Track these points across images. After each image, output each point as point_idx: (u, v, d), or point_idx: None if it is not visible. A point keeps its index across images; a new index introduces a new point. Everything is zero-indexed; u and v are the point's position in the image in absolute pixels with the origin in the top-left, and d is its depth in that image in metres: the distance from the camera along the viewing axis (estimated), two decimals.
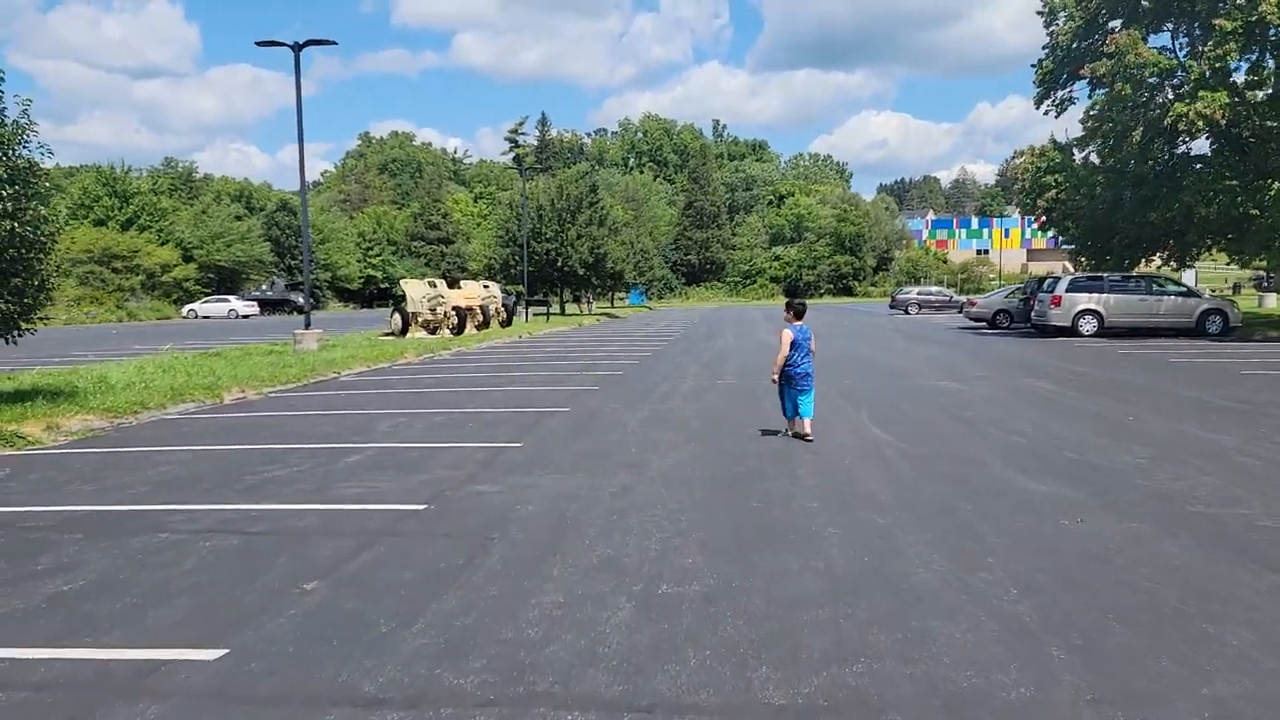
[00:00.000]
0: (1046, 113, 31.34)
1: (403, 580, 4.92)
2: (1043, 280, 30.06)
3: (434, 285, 29.84)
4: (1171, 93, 26.55)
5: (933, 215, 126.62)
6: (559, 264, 49.15)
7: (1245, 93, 25.68)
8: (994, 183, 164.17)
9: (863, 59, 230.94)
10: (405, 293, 29.30)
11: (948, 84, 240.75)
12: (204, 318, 54.34)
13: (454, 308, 29.29)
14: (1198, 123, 24.35)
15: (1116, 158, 28.14)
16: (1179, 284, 27.88)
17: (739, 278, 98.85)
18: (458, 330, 28.87)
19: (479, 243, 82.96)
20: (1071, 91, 31.40)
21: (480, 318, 31.41)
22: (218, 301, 56.72)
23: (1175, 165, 28.87)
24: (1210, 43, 24.41)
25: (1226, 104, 23.76)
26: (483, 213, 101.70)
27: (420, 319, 28.62)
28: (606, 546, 5.54)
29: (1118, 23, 29.26)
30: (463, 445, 9.20)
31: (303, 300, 65.90)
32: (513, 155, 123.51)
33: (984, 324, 33.52)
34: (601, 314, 54.43)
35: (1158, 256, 32.14)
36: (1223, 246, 32.31)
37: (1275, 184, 26.88)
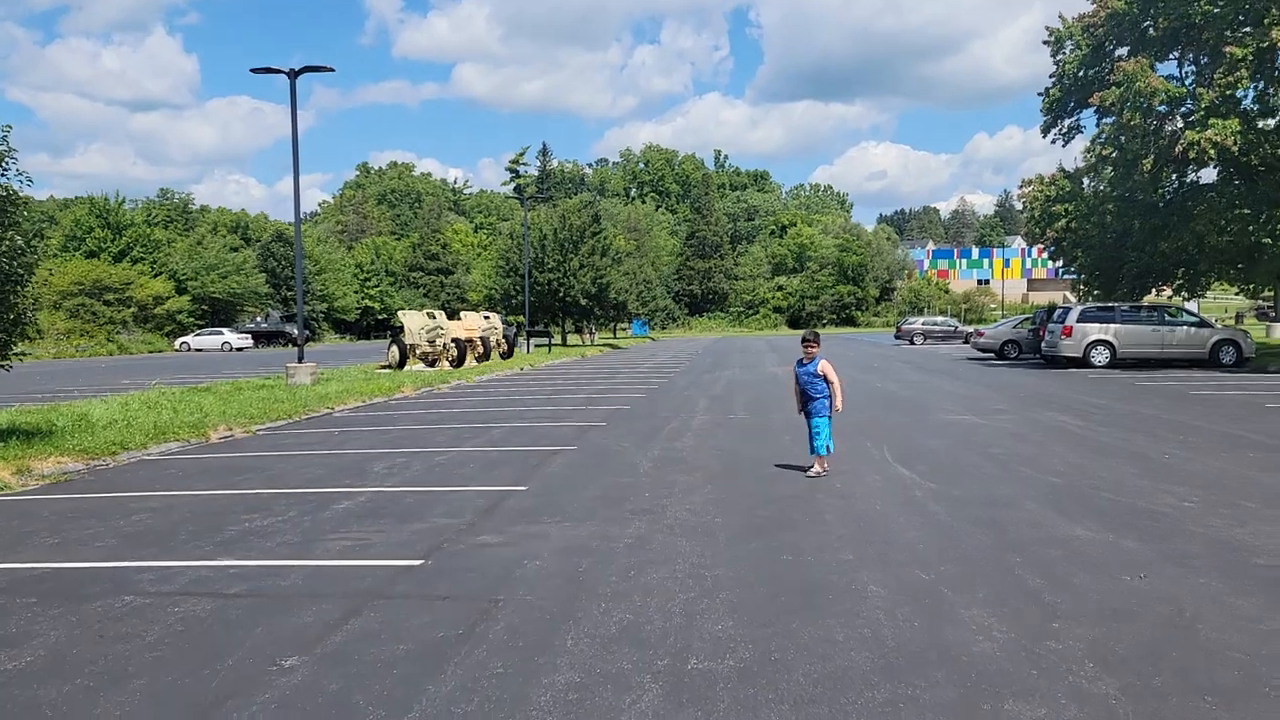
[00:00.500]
0: (1054, 141, 31.08)
1: (395, 656, 4.32)
2: (1052, 310, 29.57)
3: (433, 316, 29.32)
4: (1181, 121, 26.22)
5: (933, 245, 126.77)
6: (561, 294, 48.71)
7: (1256, 120, 25.34)
8: (993, 213, 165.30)
9: (862, 91, 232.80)
10: (403, 324, 28.77)
11: (946, 115, 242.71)
12: (197, 350, 53.78)
13: (453, 339, 28.74)
14: (1209, 150, 23.97)
15: (1126, 186, 27.75)
16: (1191, 314, 27.41)
17: (742, 308, 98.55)
18: (457, 362, 28.31)
19: (479, 273, 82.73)
20: (1079, 119, 31.15)
21: (480, 349, 30.85)
22: (211, 334, 56.19)
23: (1185, 194, 28.49)
24: (1220, 70, 24.10)
25: (1238, 131, 23.39)
26: (483, 243, 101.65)
27: (418, 351, 28.07)
28: (625, 610, 4.94)
29: (1125, 50, 29.06)
30: (463, 489, 8.61)
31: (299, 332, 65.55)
32: (514, 185, 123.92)
33: (992, 354, 33.00)
34: (604, 345, 53.92)
35: (1169, 287, 31.68)
36: (1232, 276, 31.91)
37: None
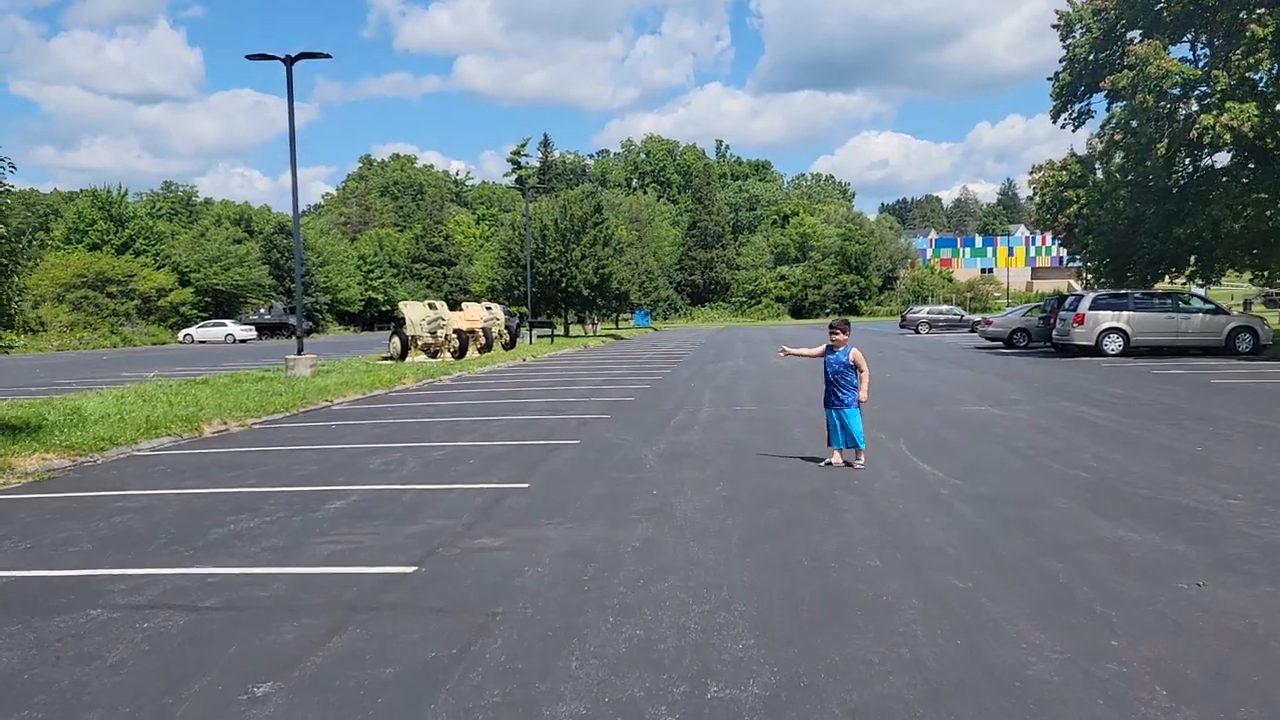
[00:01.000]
0: (1064, 126, 30.55)
1: (381, 681, 3.88)
2: (1063, 298, 29.04)
3: (434, 307, 28.87)
4: (1196, 104, 25.65)
5: (935, 234, 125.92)
6: (563, 285, 48.23)
7: (1273, 103, 24.76)
8: (996, 201, 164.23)
9: (863, 80, 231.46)
10: (404, 315, 28.33)
11: (947, 104, 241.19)
12: (200, 342, 53.48)
13: (455, 330, 28.29)
14: (1225, 135, 23.42)
15: (1139, 171, 27.18)
16: (1206, 300, 26.88)
17: (744, 298, 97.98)
18: (459, 354, 27.87)
19: (481, 264, 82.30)
20: (1089, 104, 30.58)
21: (482, 340, 30.42)
22: (214, 326, 55.86)
23: (1200, 179, 27.92)
24: (1239, 51, 23.51)
25: (1256, 115, 22.81)
26: (485, 234, 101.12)
27: (420, 342, 27.63)
28: (635, 626, 4.50)
29: (1136, 34, 28.47)
30: (461, 487, 8.18)
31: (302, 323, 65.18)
32: (515, 177, 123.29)
33: (1000, 343, 32.52)
34: (607, 335, 53.45)
35: (1182, 275, 31.11)
36: (1246, 263, 31.34)
37: None
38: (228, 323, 56.85)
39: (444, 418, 13.68)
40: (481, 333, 30.51)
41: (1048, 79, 30.97)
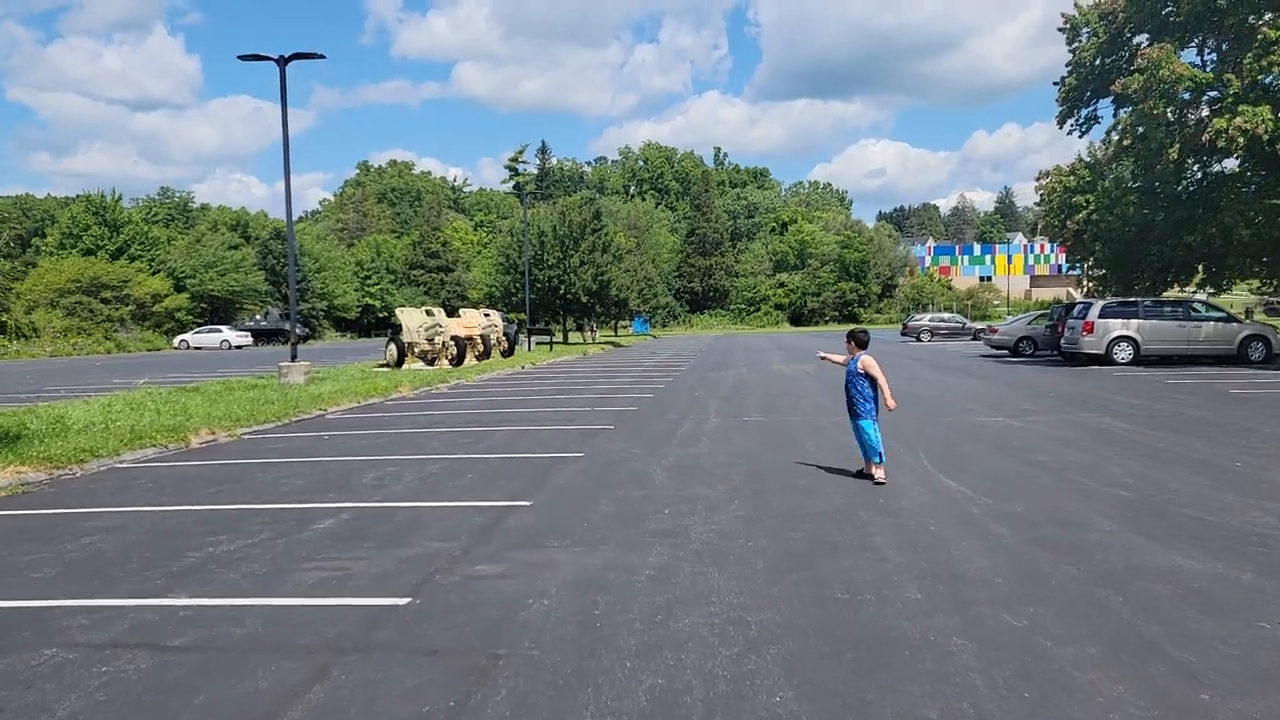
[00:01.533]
0: (1070, 132, 30.09)
1: None
2: (1071, 306, 28.58)
3: (431, 314, 28.35)
4: (1207, 108, 25.24)
5: (933, 242, 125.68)
6: (562, 291, 47.74)
7: None
8: (993, 209, 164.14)
9: (860, 89, 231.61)
10: (401, 322, 27.82)
11: (945, 113, 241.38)
12: (195, 349, 52.91)
13: (452, 337, 27.77)
14: (1239, 139, 23.00)
15: (1149, 177, 26.75)
16: (1217, 308, 26.42)
17: (743, 305, 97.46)
18: (457, 361, 27.35)
19: (479, 270, 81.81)
20: (1095, 109, 30.17)
21: (480, 348, 29.90)
22: (210, 332, 55.28)
23: (1210, 185, 27.50)
24: (1250, 54, 23.11)
25: (1270, 118, 22.40)
26: (483, 241, 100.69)
27: (417, 349, 27.12)
28: (655, 673, 3.99)
29: (1144, 38, 28.09)
30: (459, 504, 7.66)
31: (300, 330, 64.63)
32: (513, 184, 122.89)
33: (1005, 351, 32.02)
34: (606, 342, 52.93)
35: (1192, 283, 30.66)
36: (1256, 272, 30.92)
37: None
38: (223, 329, 56.26)
39: (441, 428, 13.17)
40: (480, 340, 29.99)
41: (1053, 83, 30.61)
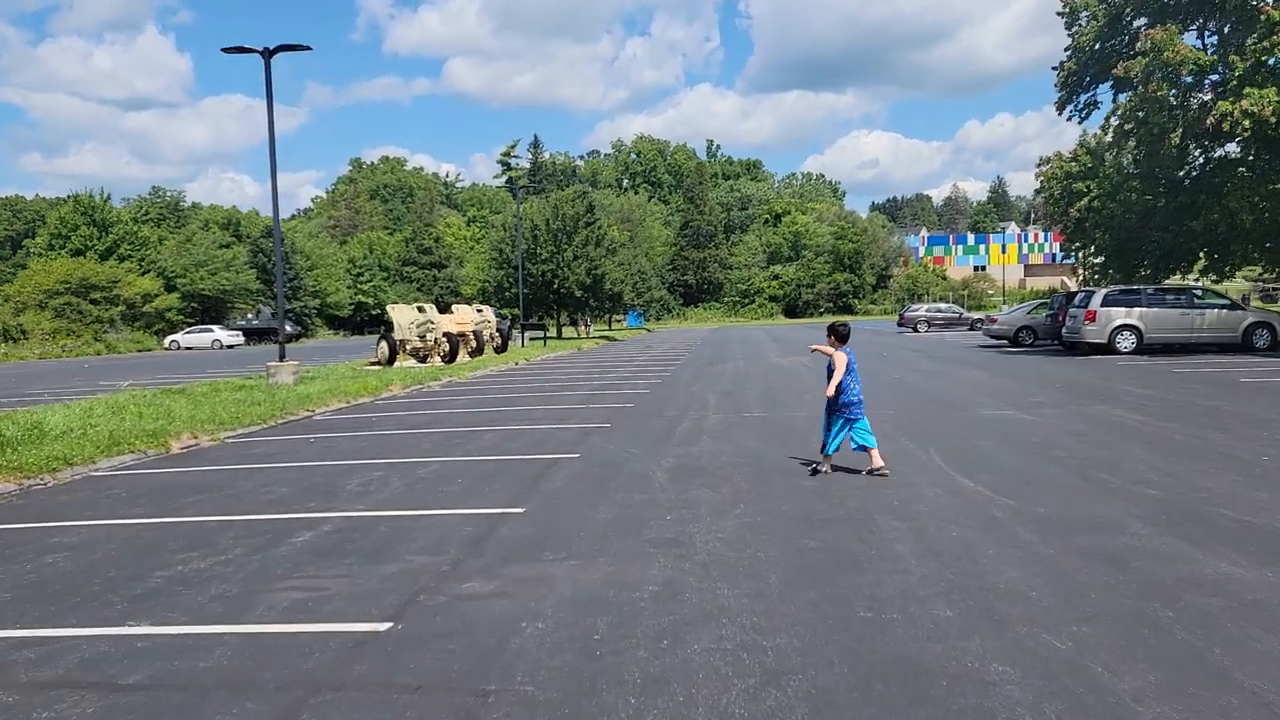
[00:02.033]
0: (1070, 118, 29.71)
1: None
2: (1072, 295, 28.18)
3: (423, 310, 27.85)
4: (1210, 91, 24.83)
5: (926, 232, 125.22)
6: (555, 286, 47.27)
7: None
8: (986, 199, 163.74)
9: (852, 80, 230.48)
10: (392, 319, 27.34)
11: (937, 103, 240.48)
12: (187, 349, 52.35)
13: (445, 334, 27.28)
14: (1244, 122, 22.58)
15: (1151, 162, 26.34)
16: (1221, 295, 26.05)
17: (737, 297, 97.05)
18: (449, 358, 26.87)
19: (473, 266, 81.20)
20: (1095, 94, 29.76)
21: (474, 344, 29.43)
22: (201, 332, 54.73)
23: (1213, 170, 27.09)
24: (1254, 36, 22.69)
25: (1277, 100, 21.98)
26: (476, 236, 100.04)
27: (409, 347, 26.66)
28: (664, 711, 3.54)
29: (1143, 21, 27.67)
30: (449, 513, 7.22)
31: (291, 328, 64.02)
32: (505, 178, 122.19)
33: (1005, 341, 31.64)
34: (600, 337, 52.47)
35: (1194, 268, 30.27)
36: (1257, 258, 30.58)
37: None
38: (215, 328, 55.73)
39: (432, 428, 12.72)
40: (472, 336, 29.53)
41: (1052, 68, 30.21)
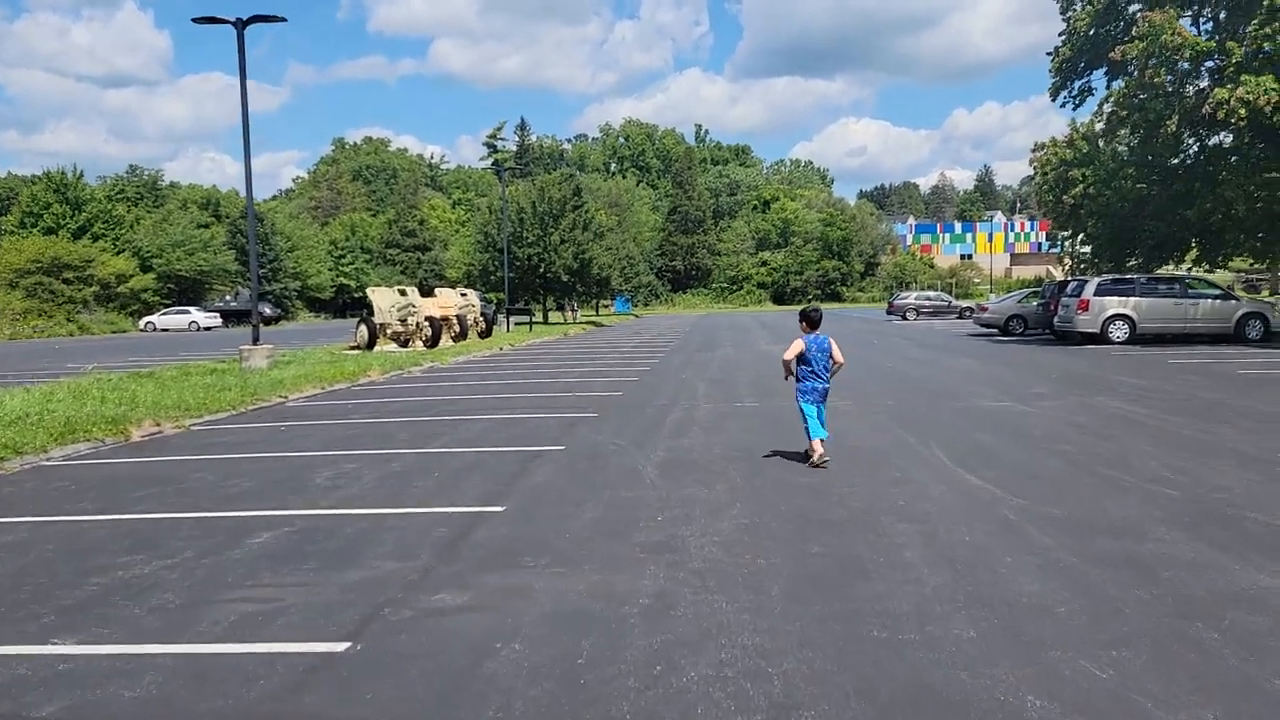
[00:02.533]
0: (1064, 104, 29.28)
1: None
2: (1064, 283, 27.86)
3: (404, 293, 27.24)
4: (1208, 78, 24.44)
5: (914, 220, 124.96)
6: (542, 270, 46.64)
7: None
8: (973, 188, 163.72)
9: (842, 66, 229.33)
10: (372, 302, 26.71)
11: (925, 91, 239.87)
12: (162, 330, 51.42)
13: (427, 318, 26.68)
14: (1240, 110, 22.21)
15: (1146, 150, 25.96)
16: (1214, 285, 25.78)
17: (725, 283, 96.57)
18: (432, 343, 26.29)
19: (457, 249, 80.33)
20: (1089, 81, 29.34)
21: (457, 328, 28.85)
22: (178, 313, 53.77)
23: (1207, 158, 26.75)
24: (1254, 22, 22.30)
25: (1274, 88, 21.61)
26: (461, 219, 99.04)
27: (389, 331, 26.06)
28: None
29: (1138, 6, 27.26)
30: (422, 511, 6.71)
31: (270, 311, 63.07)
32: (492, 161, 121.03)
33: (995, 330, 31.35)
34: (587, 322, 51.88)
35: (1186, 258, 29.99)
36: (1250, 247, 30.34)
37: None
38: (191, 310, 54.76)
39: (410, 417, 12.19)
40: (456, 320, 28.94)
41: (1046, 54, 29.76)
